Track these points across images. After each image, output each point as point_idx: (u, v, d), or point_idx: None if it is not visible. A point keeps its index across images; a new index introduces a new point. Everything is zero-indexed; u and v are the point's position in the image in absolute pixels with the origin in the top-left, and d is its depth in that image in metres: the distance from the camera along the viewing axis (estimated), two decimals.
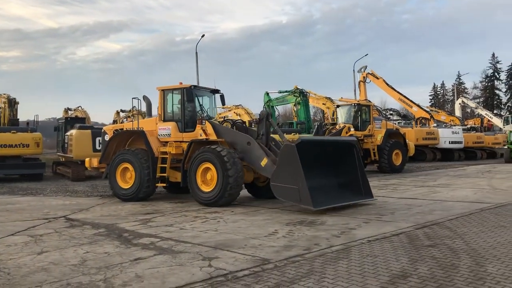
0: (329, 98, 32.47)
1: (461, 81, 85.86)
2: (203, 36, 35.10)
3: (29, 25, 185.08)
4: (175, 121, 12.11)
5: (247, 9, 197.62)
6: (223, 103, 13.10)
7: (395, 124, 27.77)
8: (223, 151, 10.56)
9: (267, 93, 33.55)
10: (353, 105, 22.28)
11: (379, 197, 11.48)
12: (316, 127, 24.49)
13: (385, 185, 15.02)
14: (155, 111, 12.79)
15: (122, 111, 31.52)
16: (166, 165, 11.78)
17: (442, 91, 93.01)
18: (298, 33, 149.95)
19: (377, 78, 36.07)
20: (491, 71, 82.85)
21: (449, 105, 79.21)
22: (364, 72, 36.40)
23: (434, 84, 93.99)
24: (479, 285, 4.54)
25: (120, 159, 12.21)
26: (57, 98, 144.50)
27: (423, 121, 33.44)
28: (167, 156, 11.78)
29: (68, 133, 20.18)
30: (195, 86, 12.24)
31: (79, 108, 30.33)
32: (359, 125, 21.34)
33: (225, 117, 27.49)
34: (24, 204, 11.94)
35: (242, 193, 11.30)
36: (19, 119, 24.37)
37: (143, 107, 13.27)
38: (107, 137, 13.31)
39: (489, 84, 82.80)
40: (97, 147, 18.94)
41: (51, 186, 16.88)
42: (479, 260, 5.48)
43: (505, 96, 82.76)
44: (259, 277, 4.96)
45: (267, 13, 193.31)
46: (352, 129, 20.88)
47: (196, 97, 12.02)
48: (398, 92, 36.39)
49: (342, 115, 22.53)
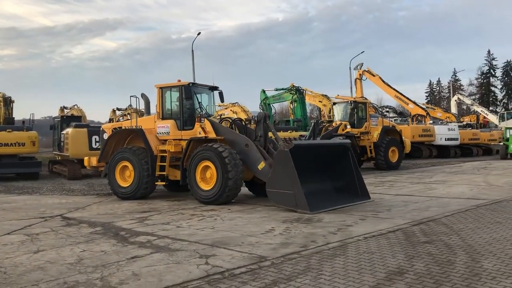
0: (326, 95, 32.50)
1: (457, 78, 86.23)
2: (199, 34, 35.16)
3: (24, 23, 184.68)
4: (173, 119, 12.04)
5: (243, 6, 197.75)
6: (222, 100, 13.01)
7: (392, 121, 27.78)
8: (224, 151, 10.43)
9: (264, 91, 33.53)
10: (350, 102, 22.32)
11: (375, 194, 11.52)
12: (312, 124, 24.48)
13: (382, 182, 15.06)
14: (153, 109, 12.74)
15: (118, 109, 31.42)
16: (165, 163, 11.72)
17: (438, 88, 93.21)
18: (294, 31, 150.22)
19: (373, 75, 36.11)
20: (487, 68, 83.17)
21: (445, 102, 79.33)
22: (360, 69, 36.43)
23: (430, 81, 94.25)
24: (475, 281, 4.56)
25: (119, 158, 12.15)
26: (52, 96, 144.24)
27: (419, 118, 33.50)
28: (166, 154, 11.72)
29: (64, 132, 20.13)
30: (193, 83, 12.18)
31: (75, 106, 30.19)
32: (356, 122, 21.37)
33: (222, 115, 27.41)
34: (20, 203, 11.91)
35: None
36: (14, 117, 24.22)
37: (141, 105, 13.21)
38: (105, 136, 13.22)
39: (485, 81, 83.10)
40: (93, 146, 18.92)
41: (47, 184, 16.85)
42: (475, 256, 5.50)
43: (501, 93, 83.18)
44: (256, 274, 4.97)
45: (263, 11, 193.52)
46: (348, 127, 20.92)
47: (194, 95, 11.96)
48: (394, 89, 36.46)
49: (338, 113, 22.57)
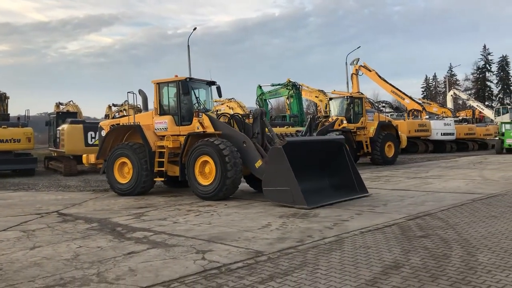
0: (322, 91, 32.47)
1: (452, 73, 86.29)
2: (195, 29, 35.04)
3: (18, 19, 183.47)
4: (171, 114, 11.96)
5: (239, 1, 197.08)
6: (220, 95, 12.93)
7: (388, 116, 27.89)
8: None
9: (260, 87, 33.46)
10: (346, 97, 22.33)
11: (371, 189, 11.53)
12: (309, 120, 24.47)
13: (378, 177, 15.10)
14: (151, 105, 12.66)
15: (114, 105, 31.38)
16: (163, 159, 11.66)
17: (434, 83, 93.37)
18: (290, 26, 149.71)
19: (370, 70, 36.11)
20: (483, 62, 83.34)
21: (441, 97, 79.50)
22: (356, 64, 36.41)
23: (426, 76, 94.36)
24: (470, 274, 4.58)
25: (117, 154, 12.10)
26: (48, 92, 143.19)
27: (415, 113, 33.57)
28: (165, 150, 11.66)
29: (59, 128, 20.06)
30: (190, 78, 12.07)
31: (71, 102, 30.10)
32: (352, 117, 21.39)
33: (218, 110, 27.37)
34: (16, 199, 11.87)
35: None
36: (9, 114, 24.09)
37: (139, 101, 13.12)
38: (103, 133, 13.10)
39: (481, 75, 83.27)
40: (89, 142, 18.89)
41: (43, 181, 16.81)
42: (470, 250, 5.53)
43: (496, 87, 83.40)
44: (252, 269, 4.98)
45: (259, 6, 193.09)
46: (344, 122, 20.93)
47: (192, 90, 11.87)
48: (390, 84, 36.48)
49: (335, 108, 22.59)
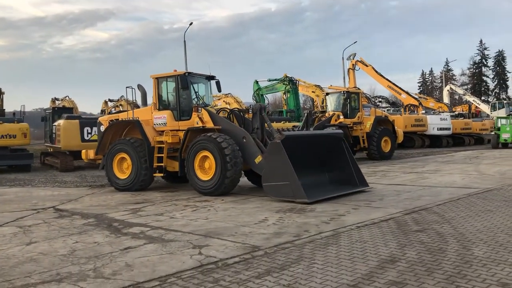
0: (319, 86, 32.49)
1: (449, 68, 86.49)
2: (191, 24, 34.81)
3: (13, 13, 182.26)
4: (170, 109, 11.87)
5: None
6: (219, 90, 12.83)
7: (384, 111, 27.87)
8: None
9: (257, 82, 33.45)
10: (343, 92, 22.30)
11: (368, 183, 11.53)
12: (305, 115, 24.47)
13: (374, 172, 15.12)
14: (150, 100, 12.57)
15: (110, 100, 31.23)
16: (163, 155, 11.58)
17: (430, 78, 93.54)
18: (287, 21, 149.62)
19: (366, 65, 36.11)
20: (479, 57, 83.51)
21: (437, 92, 79.65)
22: (353, 59, 36.39)
23: (422, 71, 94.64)
24: (466, 268, 4.61)
25: (116, 150, 12.03)
26: (43, 88, 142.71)
27: (411, 108, 33.61)
28: (164, 145, 11.59)
29: (55, 124, 19.97)
30: (189, 73, 11.93)
31: (67, 98, 29.92)
32: (348, 112, 21.38)
33: (214, 106, 27.27)
34: (11, 195, 11.83)
35: None
36: (5, 109, 23.97)
37: (138, 96, 12.98)
38: (102, 128, 13.00)
39: (477, 70, 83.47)
40: (85, 137, 18.82)
41: (39, 177, 16.76)
42: (466, 244, 5.56)
43: (493, 82, 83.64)
44: (249, 264, 4.98)
45: (256, 1, 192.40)
46: (341, 117, 20.93)
47: (191, 84, 11.77)
48: (387, 79, 36.52)
49: (331, 103, 22.57)
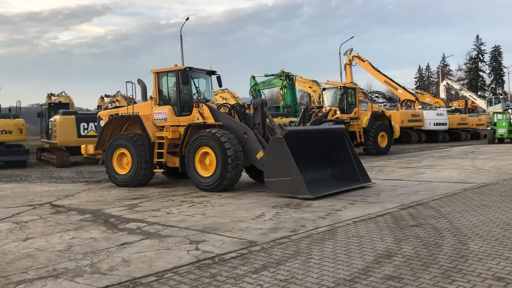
0: (315, 81, 32.51)
1: (445, 63, 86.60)
2: (188, 19, 34.77)
3: (8, 8, 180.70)
4: (171, 104, 11.76)
5: None
6: (220, 85, 12.70)
7: (381, 106, 27.89)
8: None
9: (253, 77, 33.44)
10: (339, 88, 22.31)
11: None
12: (302, 110, 24.49)
13: (371, 167, 15.15)
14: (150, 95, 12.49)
15: (106, 96, 31.14)
16: (163, 150, 11.49)
17: (427, 73, 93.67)
18: (283, 16, 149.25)
19: (363, 60, 36.10)
20: (475, 53, 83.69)
21: (434, 87, 79.79)
22: (350, 55, 36.39)
23: (419, 66, 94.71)
24: (461, 262, 4.63)
25: (116, 145, 11.96)
26: (39, 83, 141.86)
27: (408, 103, 33.63)
28: (164, 141, 11.50)
29: (52, 119, 19.91)
30: (190, 67, 11.80)
31: (63, 93, 29.81)
32: (345, 108, 21.39)
33: (215, 101, 27.23)
34: (8, 191, 11.80)
35: None
36: (0, 105, 23.87)
37: (138, 91, 12.86)
38: (102, 123, 12.90)
39: (473, 66, 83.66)
40: (82, 133, 18.77)
41: (35, 172, 16.71)
42: (462, 238, 5.58)
43: (489, 78, 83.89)
44: (246, 259, 4.99)
45: None
46: (338, 112, 20.95)
47: (192, 79, 11.68)
48: (383, 74, 36.50)
49: (328, 98, 22.58)
